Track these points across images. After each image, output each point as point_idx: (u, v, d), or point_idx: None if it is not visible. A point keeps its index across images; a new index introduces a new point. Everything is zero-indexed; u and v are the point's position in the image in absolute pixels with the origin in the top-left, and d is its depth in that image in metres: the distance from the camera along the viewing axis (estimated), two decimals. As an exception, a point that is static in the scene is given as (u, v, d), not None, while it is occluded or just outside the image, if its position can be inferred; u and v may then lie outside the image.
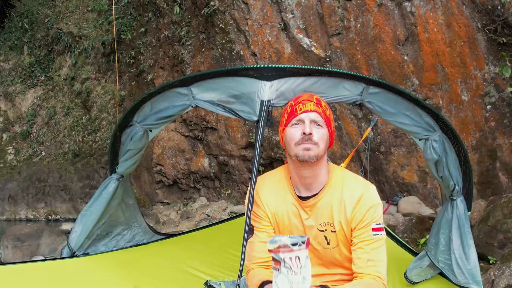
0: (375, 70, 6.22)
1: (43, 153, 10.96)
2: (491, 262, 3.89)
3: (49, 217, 9.80)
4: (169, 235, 3.01)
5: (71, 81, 11.43)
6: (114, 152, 2.48)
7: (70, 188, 9.92)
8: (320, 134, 1.66)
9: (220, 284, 2.13)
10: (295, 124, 1.67)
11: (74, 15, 11.78)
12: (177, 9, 8.07)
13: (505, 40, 5.36)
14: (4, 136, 11.55)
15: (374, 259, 1.62)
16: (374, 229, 1.63)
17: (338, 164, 4.61)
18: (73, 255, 2.40)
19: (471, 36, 5.61)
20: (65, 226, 8.27)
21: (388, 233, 3.01)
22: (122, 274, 2.26)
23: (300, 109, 1.65)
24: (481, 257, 4.20)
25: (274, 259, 1.32)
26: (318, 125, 1.67)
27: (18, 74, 12.66)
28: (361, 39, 6.22)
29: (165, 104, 2.16)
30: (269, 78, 1.87)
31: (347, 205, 1.67)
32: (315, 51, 6.60)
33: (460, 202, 2.22)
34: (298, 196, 1.74)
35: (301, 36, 6.68)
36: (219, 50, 7.58)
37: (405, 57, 6.03)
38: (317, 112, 1.66)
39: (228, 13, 7.21)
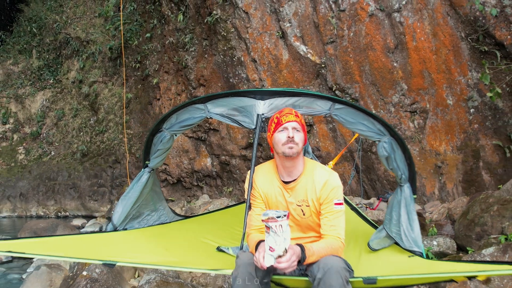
0: (367, 75, 6.34)
1: (53, 153, 11.08)
2: (469, 252, 4.10)
3: (59, 214, 9.93)
4: (186, 216, 3.49)
5: (79, 84, 11.55)
6: (146, 152, 2.99)
7: (78, 186, 10.09)
8: (299, 137, 2.25)
9: (228, 248, 2.72)
10: (281, 130, 2.25)
11: (82, 21, 11.87)
12: (181, 17, 8.25)
13: (486, 49, 5.52)
14: (15, 136, 11.66)
15: (335, 225, 2.21)
16: (335, 204, 2.22)
17: (327, 162, 4.85)
18: (115, 230, 2.94)
19: (455, 45, 5.75)
20: (75, 222, 8.45)
21: (359, 214, 3.53)
22: (154, 242, 2.82)
23: (284, 120, 2.25)
24: (461, 248, 4.46)
25: (265, 226, 1.89)
26: (297, 130, 2.26)
27: (27, 77, 12.74)
28: (353, 47, 6.34)
29: (187, 115, 2.77)
30: (263, 98, 2.50)
31: (317, 187, 2.26)
32: (311, 58, 6.74)
33: (406, 188, 2.78)
34: (282, 181, 2.34)
35: (298, 43, 6.81)
36: (221, 56, 7.71)
37: (395, 64, 6.15)
38: (296, 121, 2.26)
39: (230, 21, 7.33)
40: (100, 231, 3.39)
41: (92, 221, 7.76)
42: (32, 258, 5.64)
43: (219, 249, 2.78)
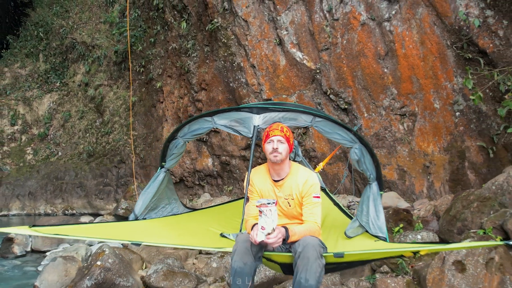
0: (359, 81, 6.58)
1: (60, 153, 11.35)
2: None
3: (66, 211, 10.20)
4: (194, 209, 4.04)
5: (85, 87, 11.80)
6: (163, 155, 3.52)
7: (85, 185, 10.37)
8: (283, 148, 2.76)
9: (229, 234, 3.17)
10: (269, 142, 2.79)
11: (88, 26, 12.12)
12: (183, 24, 8.52)
13: (470, 56, 5.77)
14: (23, 137, 11.92)
15: (314, 213, 2.73)
16: (314, 197, 2.74)
17: (318, 163, 5.12)
18: (136, 219, 3.45)
19: (441, 52, 5.99)
20: (83, 219, 8.70)
21: (339, 207, 3.97)
22: (168, 229, 3.31)
23: (272, 134, 2.78)
24: (444, 241, 4.74)
25: (259, 210, 2.38)
26: (282, 142, 2.76)
27: (34, 80, 12.98)
28: (346, 54, 6.59)
29: (197, 126, 3.29)
30: (258, 112, 3.01)
31: (299, 184, 2.77)
32: (306, 64, 7.00)
33: (374, 185, 3.23)
34: (273, 180, 2.87)
35: (294, 50, 7.06)
36: (222, 62, 7.97)
37: (385, 70, 6.38)
38: (280, 135, 2.78)
39: (230, 29, 7.58)
40: (125, 220, 3.83)
41: (99, 219, 8.04)
42: (46, 252, 5.99)
43: (222, 235, 3.20)
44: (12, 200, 10.34)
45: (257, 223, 2.48)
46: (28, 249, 6.29)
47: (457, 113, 6.04)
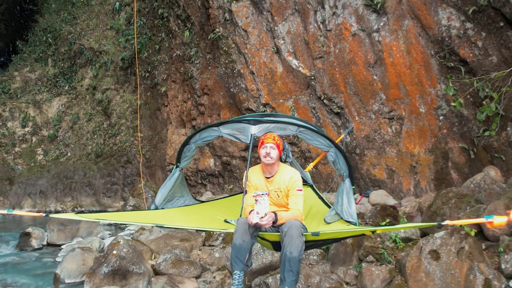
0: (350, 87, 6.93)
1: (69, 154, 11.67)
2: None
3: (75, 209, 10.46)
4: (202, 201, 4.75)
5: (92, 91, 12.11)
6: (178, 157, 4.11)
7: (93, 184, 10.69)
8: (274, 153, 3.37)
9: (231, 220, 3.73)
10: (263, 147, 3.37)
11: (95, 33, 12.42)
12: (187, 33, 8.88)
13: (452, 65, 6.11)
14: (34, 139, 12.23)
15: (297, 202, 3.32)
16: (297, 190, 3.33)
17: (309, 163, 5.54)
18: (156, 208, 4.01)
19: (426, 61, 6.31)
20: (92, 216, 9.06)
21: (322, 199, 4.46)
22: (182, 216, 3.91)
23: (265, 142, 3.39)
24: (425, 234, 5.11)
25: (255, 199, 2.98)
26: (273, 148, 3.37)
27: (44, 83, 13.28)
28: (339, 62, 6.92)
29: (206, 134, 3.88)
30: (255, 124, 3.58)
31: (286, 180, 3.37)
32: (302, 71, 7.35)
33: (347, 181, 3.78)
34: (265, 177, 3.46)
35: (290, 58, 7.40)
36: (223, 69, 8.31)
37: (375, 77, 6.71)
38: (272, 143, 3.38)
39: (231, 38, 7.93)
40: (148, 209, 4.43)
41: (108, 215, 8.40)
42: (61, 245, 6.39)
43: (225, 221, 3.77)
44: (24, 198, 10.66)
45: (253, 210, 3.05)
46: (44, 242, 6.62)
47: (441, 117, 6.37)
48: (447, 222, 2.65)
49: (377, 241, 4.95)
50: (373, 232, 3.34)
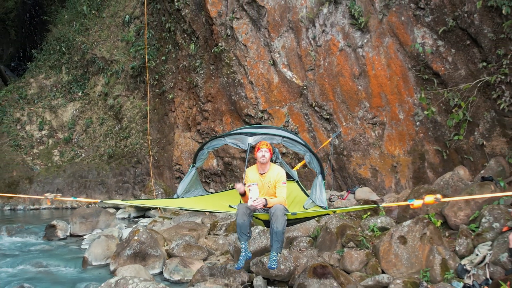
0: (338, 96, 7.55)
1: (83, 155, 12.20)
2: (403, 227, 5.37)
3: (89, 205, 11.06)
4: (212, 193, 5.65)
5: (104, 97, 12.59)
6: (194, 159, 4.87)
7: (106, 183, 11.27)
8: (267, 155, 4.23)
9: (234, 205, 4.49)
10: (259, 151, 4.23)
11: (106, 43, 12.91)
12: (192, 46, 9.49)
13: (426, 77, 6.72)
14: (50, 141, 12.74)
15: (282, 191, 4.17)
16: (282, 183, 4.19)
17: (296, 164, 6.24)
18: (178, 197, 4.79)
19: (404, 73, 6.91)
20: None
21: (303, 191, 5.21)
22: (197, 202, 4.70)
23: (261, 147, 4.22)
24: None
25: (248, 188, 4.08)
26: (267, 152, 4.23)
27: (58, 90, 13.75)
28: (328, 74, 7.52)
29: (216, 142, 4.76)
30: (251, 135, 4.44)
31: (274, 175, 4.22)
32: (295, 81, 7.97)
33: (320, 176, 4.57)
34: (260, 173, 4.27)
35: (285, 70, 8.00)
36: (225, 79, 8.92)
37: (359, 87, 7.30)
38: (266, 148, 4.23)
39: (232, 51, 8.53)
40: (172, 198, 5.36)
41: (121, 210, 8.98)
42: (82, 236, 7.05)
43: (230, 206, 4.57)
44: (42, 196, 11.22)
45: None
46: (68, 233, 7.20)
47: (418, 123, 6.96)
48: (383, 204, 3.54)
49: (357, 230, 5.61)
50: (334, 212, 4.42)
